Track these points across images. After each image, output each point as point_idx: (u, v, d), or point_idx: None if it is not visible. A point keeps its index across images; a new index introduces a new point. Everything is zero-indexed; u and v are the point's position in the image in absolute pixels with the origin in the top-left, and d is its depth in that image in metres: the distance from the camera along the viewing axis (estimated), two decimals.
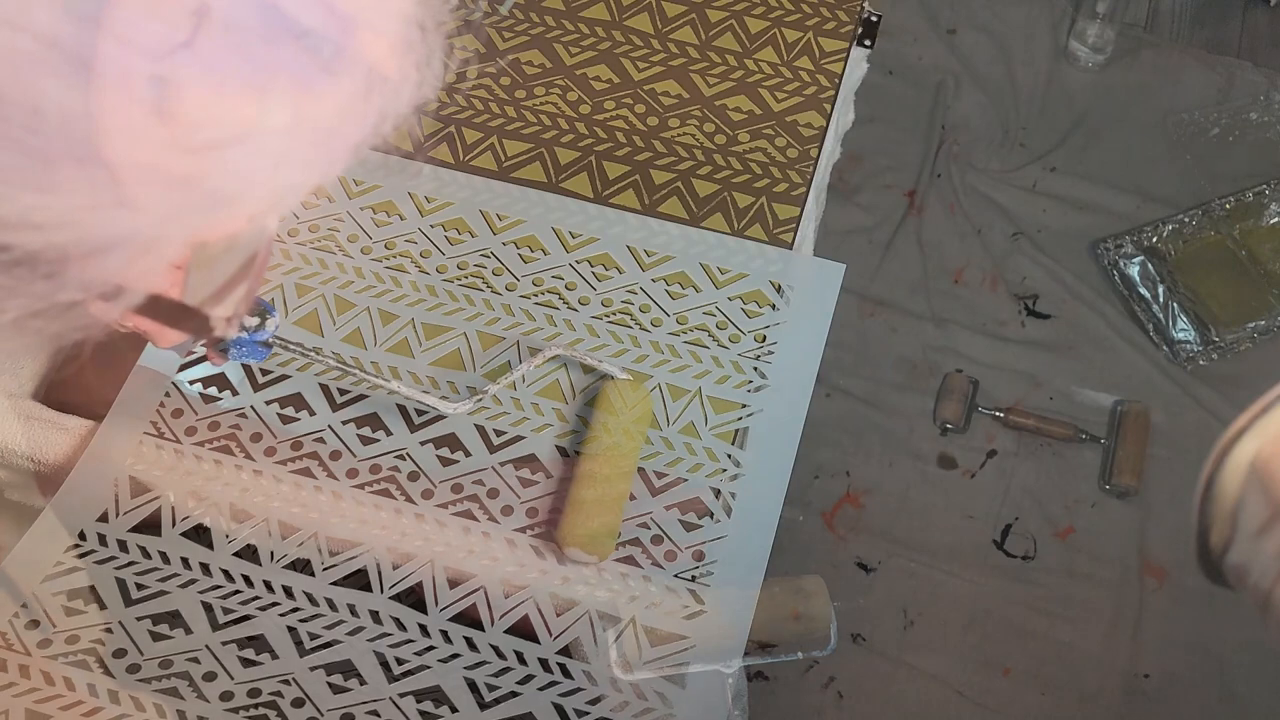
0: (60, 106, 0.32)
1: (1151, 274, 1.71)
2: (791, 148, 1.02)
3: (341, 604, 0.81)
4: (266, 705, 0.77)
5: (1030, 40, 1.94)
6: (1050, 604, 1.50)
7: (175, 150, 0.34)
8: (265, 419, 0.87)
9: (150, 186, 0.34)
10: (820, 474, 1.58)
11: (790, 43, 1.08)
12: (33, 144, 0.32)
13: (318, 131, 0.37)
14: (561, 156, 1.01)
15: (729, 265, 0.95)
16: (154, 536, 0.83)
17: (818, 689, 1.45)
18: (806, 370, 0.91)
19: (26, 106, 0.32)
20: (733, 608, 0.81)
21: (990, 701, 1.44)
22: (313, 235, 0.96)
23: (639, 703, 0.77)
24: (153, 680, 0.78)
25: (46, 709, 0.77)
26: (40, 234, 0.34)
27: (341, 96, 0.37)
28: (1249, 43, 1.98)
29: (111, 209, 0.34)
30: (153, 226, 0.36)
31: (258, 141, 0.35)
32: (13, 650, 0.79)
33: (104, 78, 0.32)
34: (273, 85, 0.35)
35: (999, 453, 1.60)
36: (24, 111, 0.32)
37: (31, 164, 0.33)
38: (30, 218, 0.34)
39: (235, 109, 0.34)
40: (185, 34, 0.33)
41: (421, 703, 0.77)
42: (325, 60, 0.36)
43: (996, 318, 1.71)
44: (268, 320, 0.80)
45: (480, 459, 0.86)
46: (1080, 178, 1.82)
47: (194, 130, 0.34)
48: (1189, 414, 1.61)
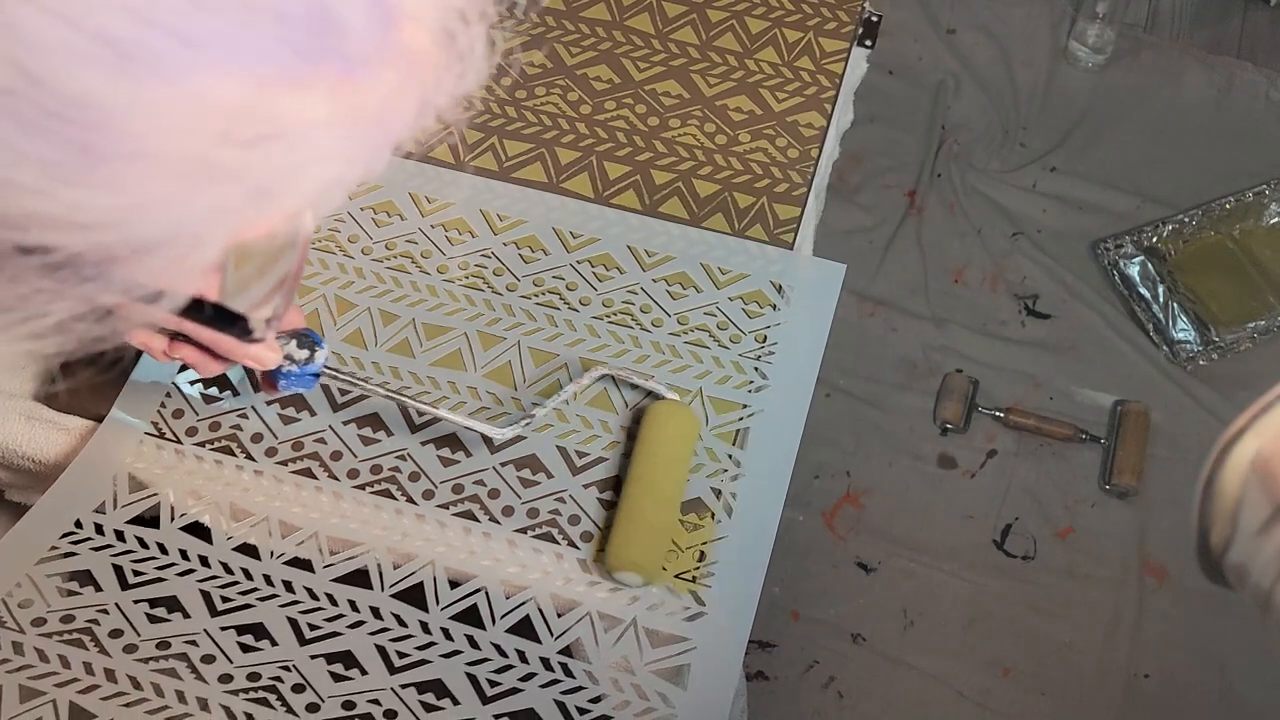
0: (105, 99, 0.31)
1: (1151, 274, 1.71)
2: (792, 148, 1.02)
3: (342, 599, 0.81)
4: (266, 689, 0.77)
5: (1030, 40, 1.94)
6: (1050, 604, 1.50)
7: (221, 144, 0.34)
8: (266, 419, 0.87)
9: (196, 182, 0.34)
10: (820, 474, 1.58)
11: (791, 43, 1.08)
12: (77, 138, 0.32)
13: (361, 124, 0.36)
14: (562, 156, 1.01)
15: (730, 265, 0.95)
16: (152, 529, 0.83)
17: (818, 689, 1.45)
18: (807, 370, 0.91)
19: (70, 98, 0.31)
20: (734, 609, 0.81)
21: (990, 701, 1.44)
22: (313, 236, 0.96)
23: (640, 702, 0.77)
24: (150, 660, 0.78)
25: (41, 685, 0.77)
26: (85, 234, 0.33)
27: (384, 88, 0.36)
28: (1249, 43, 1.98)
29: (157, 207, 0.34)
30: (198, 224, 0.35)
31: (302, 134, 0.35)
32: (5, 628, 0.79)
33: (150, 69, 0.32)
34: (317, 76, 0.34)
35: (999, 453, 1.60)
36: (67, 104, 0.31)
37: (76, 159, 0.32)
38: (75, 216, 0.33)
39: (280, 101, 0.34)
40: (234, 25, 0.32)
41: (423, 694, 0.77)
42: (369, 51, 0.35)
43: (996, 318, 1.71)
44: (317, 352, 0.81)
45: (481, 459, 0.86)
46: (1080, 178, 1.82)
47: (240, 123, 0.34)
48: (1189, 414, 1.61)
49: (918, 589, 1.51)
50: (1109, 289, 1.72)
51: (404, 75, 0.37)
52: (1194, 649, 1.47)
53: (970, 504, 1.57)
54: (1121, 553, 1.53)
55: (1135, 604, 1.49)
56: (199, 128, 0.33)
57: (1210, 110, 1.89)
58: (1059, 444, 1.60)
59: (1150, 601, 1.50)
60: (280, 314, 0.44)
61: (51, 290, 0.35)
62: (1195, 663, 1.46)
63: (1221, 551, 0.50)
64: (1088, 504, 1.57)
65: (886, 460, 1.60)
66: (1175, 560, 1.52)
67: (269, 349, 0.79)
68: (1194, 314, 1.67)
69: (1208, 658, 1.46)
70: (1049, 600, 1.50)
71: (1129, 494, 1.56)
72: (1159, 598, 1.50)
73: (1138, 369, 1.65)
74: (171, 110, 0.32)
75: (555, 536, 0.83)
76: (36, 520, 0.83)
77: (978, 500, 1.57)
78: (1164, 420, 1.61)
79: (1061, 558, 1.53)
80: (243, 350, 0.78)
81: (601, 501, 0.85)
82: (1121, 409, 1.61)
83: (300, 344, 0.80)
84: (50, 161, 0.32)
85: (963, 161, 1.83)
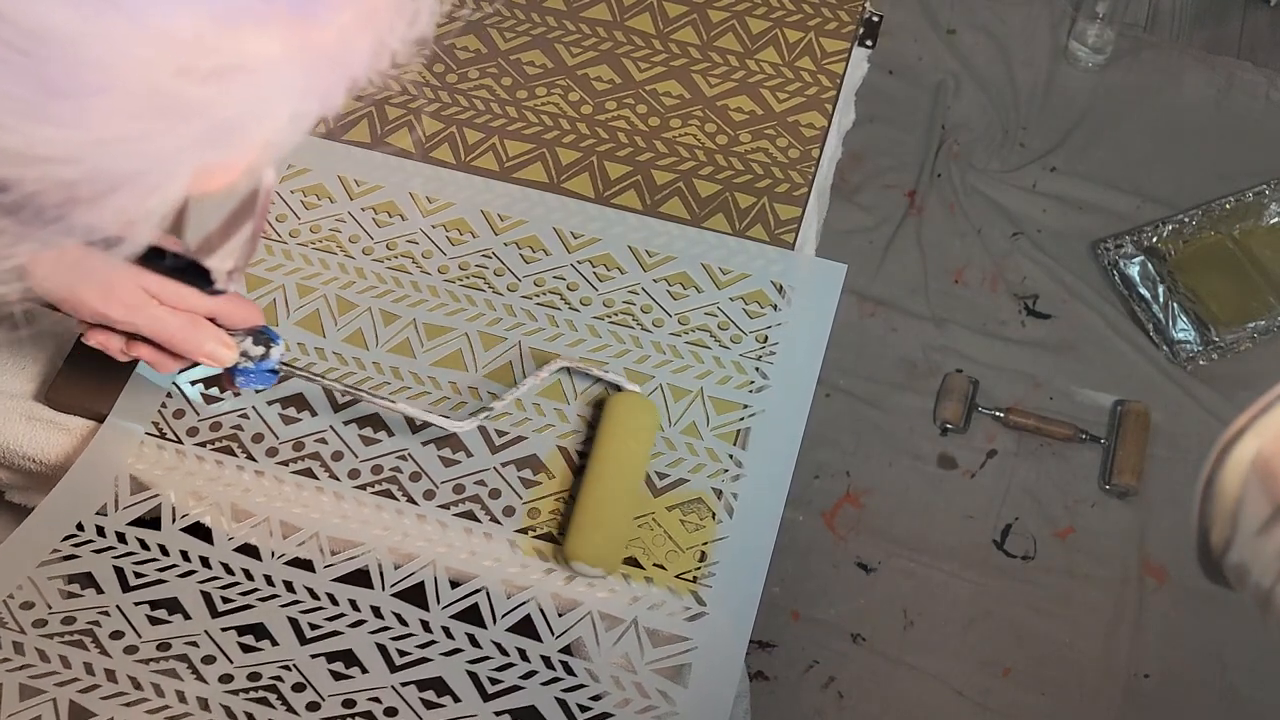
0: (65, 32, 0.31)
1: (1151, 274, 1.71)
2: (793, 148, 1.02)
3: (343, 599, 0.81)
4: (266, 689, 0.77)
5: (1030, 40, 1.95)
6: (1050, 604, 1.50)
7: (180, 78, 0.33)
8: (267, 420, 0.87)
9: (156, 117, 0.34)
10: (820, 474, 1.58)
11: (792, 43, 1.08)
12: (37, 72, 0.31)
13: (317, 61, 0.37)
14: (563, 157, 1.01)
15: (730, 266, 0.95)
16: (153, 531, 0.83)
17: (818, 689, 1.45)
18: (808, 371, 0.91)
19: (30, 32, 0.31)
20: (735, 609, 0.81)
21: (990, 701, 1.44)
22: (314, 236, 0.96)
23: (641, 700, 0.78)
24: (150, 661, 0.78)
25: (41, 684, 0.77)
26: (46, 169, 0.33)
27: (339, 26, 0.37)
28: (1249, 43, 1.98)
29: (118, 142, 0.34)
30: (159, 162, 0.35)
31: (258, 70, 0.35)
32: (6, 628, 0.79)
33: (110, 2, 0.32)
34: (273, 13, 0.35)
35: (999, 453, 1.61)
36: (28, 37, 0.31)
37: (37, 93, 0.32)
38: (36, 151, 0.33)
39: (237, 36, 0.34)
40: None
41: (424, 692, 0.77)
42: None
43: (996, 318, 1.71)
44: (273, 349, 0.82)
45: (482, 460, 0.86)
46: (1080, 178, 1.82)
47: (198, 57, 0.34)
48: (1189, 414, 1.62)
49: (918, 589, 1.51)
50: (1109, 289, 1.72)
51: (359, 15, 0.37)
52: (1194, 649, 1.47)
53: (970, 504, 1.57)
54: (1121, 553, 1.53)
55: (1135, 604, 1.49)
56: (158, 62, 0.33)
57: (1210, 110, 1.89)
58: (1059, 444, 1.60)
59: (1150, 601, 1.50)
60: (242, 267, 0.44)
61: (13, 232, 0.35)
62: (1195, 663, 1.46)
63: (1222, 551, 0.50)
64: (1088, 504, 1.57)
65: (886, 460, 1.60)
66: (1175, 560, 1.52)
67: (224, 345, 0.80)
68: (1194, 314, 1.67)
69: (1208, 658, 1.46)
70: (1049, 600, 1.50)
71: (1129, 494, 1.56)
72: (1159, 598, 1.50)
73: (1138, 369, 1.66)
74: (131, 44, 0.32)
75: (557, 537, 0.83)
76: (38, 523, 0.83)
77: (978, 500, 1.57)
78: (1164, 420, 1.61)
79: (1061, 558, 1.53)
80: (198, 347, 0.78)
81: None
82: (1121, 409, 1.61)
83: (256, 340, 0.81)
84: (11, 95, 0.32)
85: (963, 161, 1.83)
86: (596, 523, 0.81)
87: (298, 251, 0.95)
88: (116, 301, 0.75)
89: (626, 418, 0.85)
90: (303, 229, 0.96)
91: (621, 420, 0.85)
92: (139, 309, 0.76)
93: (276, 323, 0.91)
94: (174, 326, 0.77)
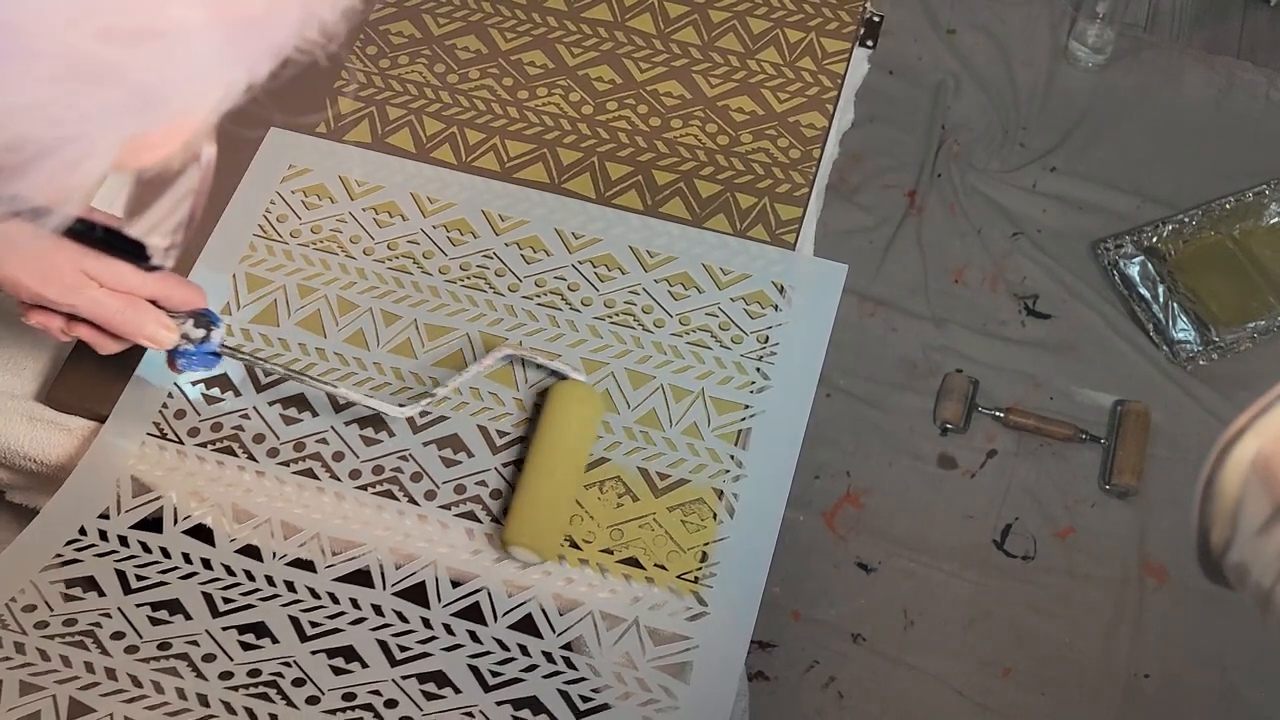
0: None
1: (1151, 274, 1.71)
2: (794, 148, 1.02)
3: (344, 598, 0.81)
4: (267, 685, 0.78)
5: (1030, 40, 1.95)
6: (1050, 604, 1.50)
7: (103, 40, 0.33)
8: (268, 420, 0.88)
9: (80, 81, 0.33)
10: (820, 474, 1.58)
11: (792, 43, 1.08)
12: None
13: (245, 27, 0.36)
14: (564, 157, 1.01)
15: (731, 266, 0.95)
16: (155, 534, 0.83)
17: (818, 689, 1.45)
18: (809, 371, 0.91)
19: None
20: (736, 609, 0.81)
21: (990, 701, 1.44)
22: (315, 236, 0.96)
23: (643, 693, 0.78)
24: (151, 660, 0.78)
25: (41, 681, 0.77)
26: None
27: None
28: (1249, 43, 1.98)
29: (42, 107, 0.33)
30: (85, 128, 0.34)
31: (183, 34, 0.34)
32: (7, 629, 0.79)
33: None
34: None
35: (999, 453, 1.61)
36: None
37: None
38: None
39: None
40: None
41: (424, 684, 0.78)
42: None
43: (996, 318, 1.71)
44: (213, 331, 0.82)
45: (483, 460, 0.86)
46: (1080, 178, 1.82)
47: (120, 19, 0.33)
48: (1189, 414, 1.62)
49: (918, 589, 1.51)
50: (1109, 289, 1.72)
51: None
52: (1194, 649, 1.47)
53: (970, 504, 1.57)
54: (1121, 553, 1.53)
55: (1135, 604, 1.49)
56: (80, 23, 0.32)
57: (1210, 110, 1.89)
58: (1059, 444, 1.60)
59: (1150, 601, 1.50)
60: (179, 243, 0.44)
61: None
62: (1195, 663, 1.46)
63: (1222, 551, 0.50)
64: (1088, 504, 1.57)
65: (886, 460, 1.60)
66: (1175, 560, 1.52)
67: (165, 328, 0.80)
68: (1194, 314, 1.67)
69: (1208, 658, 1.46)
70: (1049, 600, 1.50)
71: (1129, 494, 1.56)
72: (1159, 598, 1.50)
73: (1138, 369, 1.66)
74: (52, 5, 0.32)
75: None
76: (41, 528, 0.83)
77: (978, 500, 1.57)
78: (1164, 420, 1.61)
79: (1061, 558, 1.53)
80: (138, 329, 0.78)
81: (601, 503, 0.85)
82: (1121, 409, 1.61)
83: (197, 323, 0.81)
84: None
85: (963, 161, 1.83)
86: (534, 508, 0.81)
87: (298, 252, 0.95)
88: (55, 282, 0.76)
89: (567, 406, 0.86)
90: (303, 229, 0.96)
91: (562, 408, 0.85)
92: (77, 290, 0.76)
93: (277, 323, 0.92)
94: (113, 308, 0.77)
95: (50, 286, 0.76)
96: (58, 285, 0.76)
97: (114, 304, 0.78)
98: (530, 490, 0.82)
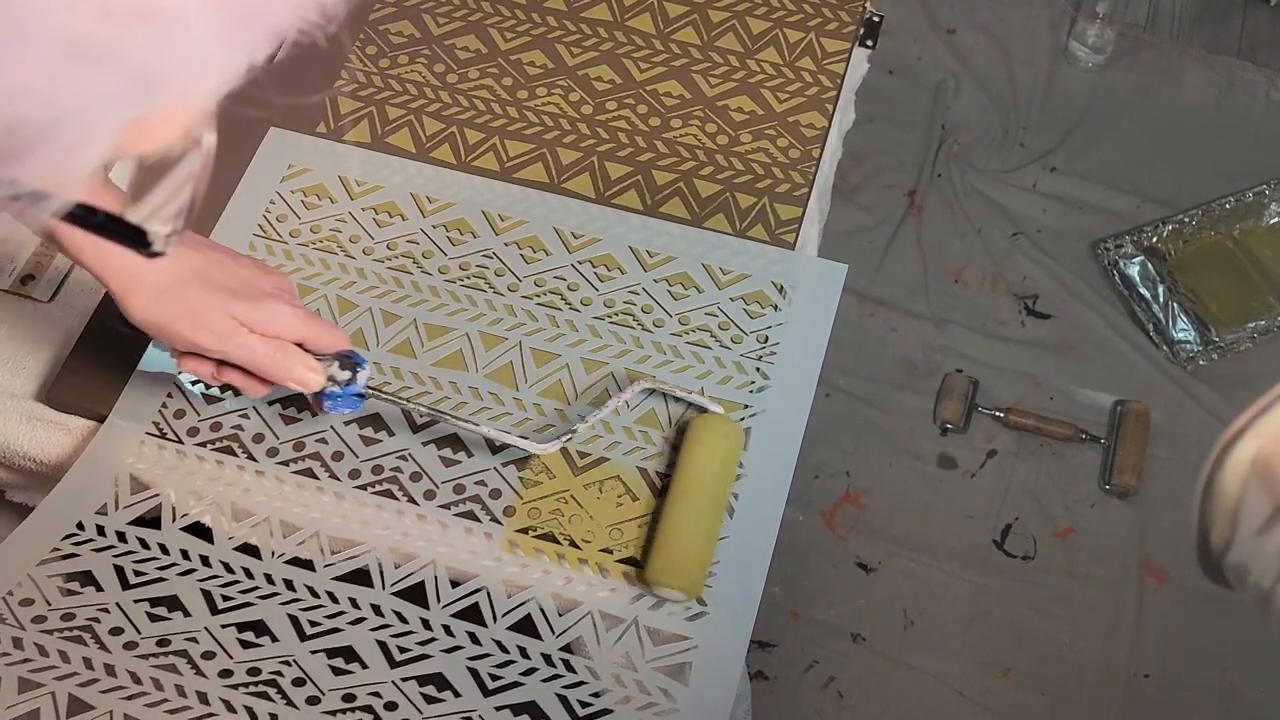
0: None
1: (1151, 274, 1.71)
2: (793, 148, 1.02)
3: (343, 597, 0.81)
4: (266, 683, 0.78)
5: (1030, 40, 1.95)
6: (1050, 604, 1.50)
7: (101, 20, 0.33)
8: (268, 420, 0.88)
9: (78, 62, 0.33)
10: (820, 474, 1.58)
11: (792, 43, 1.08)
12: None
13: (243, 9, 0.36)
14: (563, 157, 1.01)
15: (731, 266, 0.95)
16: (153, 530, 0.83)
17: (818, 689, 1.45)
18: (809, 371, 0.91)
19: None
20: (735, 608, 0.81)
21: (990, 701, 1.44)
22: (315, 236, 0.96)
23: (642, 696, 0.78)
24: (150, 657, 0.78)
25: (40, 678, 0.77)
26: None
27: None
28: (1249, 43, 1.98)
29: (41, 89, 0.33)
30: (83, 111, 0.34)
31: (181, 15, 0.34)
32: (5, 624, 0.79)
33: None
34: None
35: (999, 453, 1.61)
36: None
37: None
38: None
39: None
40: None
41: (424, 687, 0.78)
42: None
43: (996, 318, 1.71)
44: (359, 373, 0.81)
45: (482, 460, 0.86)
46: (1080, 178, 1.82)
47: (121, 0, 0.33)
48: (1189, 414, 1.62)
49: (918, 589, 1.51)
50: (1109, 289, 1.72)
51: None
52: (1194, 649, 1.47)
53: (970, 504, 1.57)
54: (1121, 553, 1.53)
55: (1135, 604, 1.49)
56: (77, 4, 0.32)
57: (1210, 110, 1.89)
58: (1059, 444, 1.60)
59: (1150, 601, 1.50)
60: (180, 230, 0.44)
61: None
62: (1195, 663, 1.46)
63: (1222, 551, 0.50)
64: (1088, 504, 1.57)
65: (886, 460, 1.60)
66: (1175, 560, 1.52)
67: (312, 371, 0.80)
68: (1194, 314, 1.67)
69: (1208, 658, 1.46)
70: (1049, 600, 1.50)
71: (1129, 494, 1.56)
72: (1159, 598, 1.50)
73: (1138, 369, 1.66)
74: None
75: (557, 536, 0.83)
76: (39, 522, 0.83)
77: (978, 500, 1.57)
78: (1164, 420, 1.61)
79: (1061, 558, 1.53)
80: (287, 373, 0.79)
81: (599, 500, 0.85)
82: (1121, 409, 1.61)
83: (343, 365, 0.81)
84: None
85: (963, 161, 1.83)
86: (680, 546, 0.80)
87: (298, 251, 0.95)
88: (206, 330, 0.77)
89: (712, 441, 0.84)
90: (303, 229, 0.96)
91: (703, 442, 0.84)
92: (228, 337, 0.77)
93: None
94: (262, 353, 0.78)
95: (202, 334, 0.77)
96: (209, 332, 0.77)
97: (263, 349, 0.78)
98: (675, 526, 0.81)
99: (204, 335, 0.77)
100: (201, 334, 0.77)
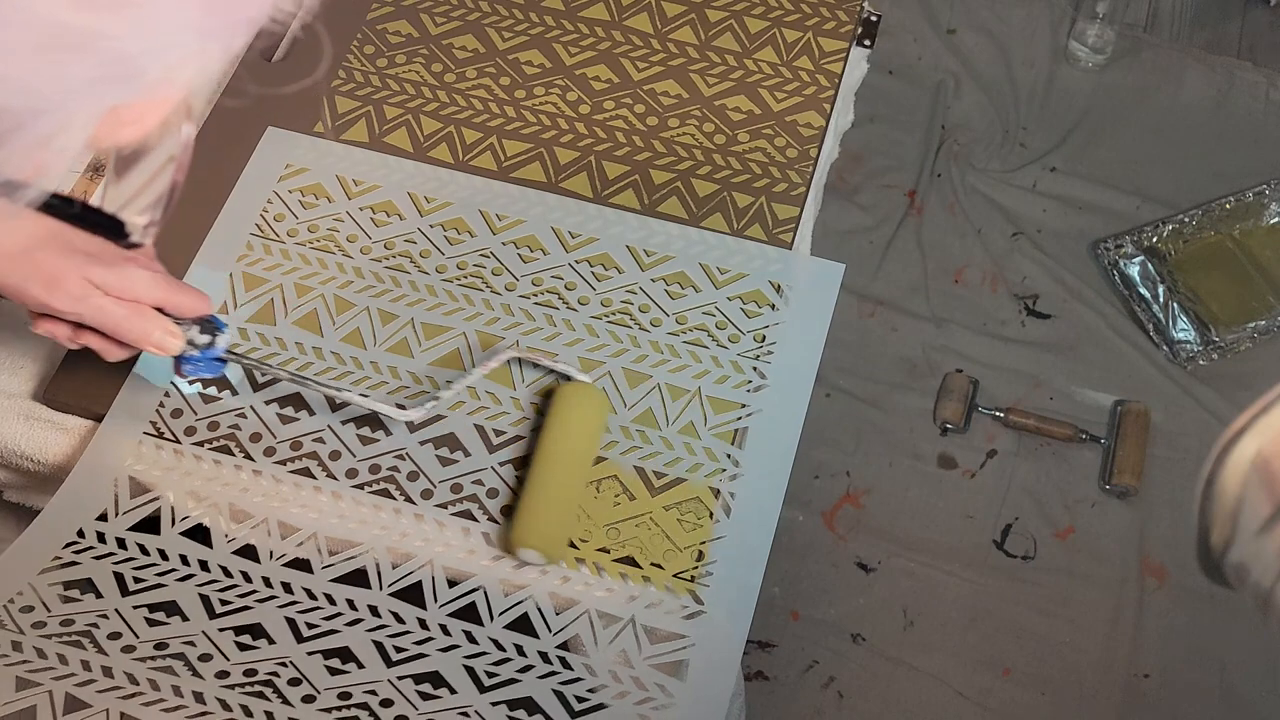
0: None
1: (1151, 274, 1.71)
2: (791, 148, 1.02)
3: (340, 599, 0.81)
4: (263, 684, 0.78)
5: (1030, 40, 1.94)
6: (1050, 604, 1.50)
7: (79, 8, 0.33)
8: (264, 419, 0.87)
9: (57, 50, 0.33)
10: (820, 474, 1.58)
11: (790, 43, 1.08)
12: None
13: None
14: (561, 156, 1.01)
15: (728, 265, 0.95)
16: (153, 535, 0.83)
17: (817, 689, 1.45)
18: (806, 370, 0.91)
19: None
20: (732, 608, 0.81)
21: (990, 701, 1.44)
22: (312, 235, 0.96)
23: (639, 692, 0.78)
24: (147, 659, 0.78)
25: (38, 678, 0.77)
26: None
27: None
28: (1249, 43, 1.98)
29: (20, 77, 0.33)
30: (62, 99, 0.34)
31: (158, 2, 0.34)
32: (4, 628, 0.79)
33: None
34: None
35: (999, 453, 1.60)
36: None
37: None
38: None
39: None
40: None
41: (420, 684, 0.78)
42: None
43: (996, 318, 1.71)
44: (219, 337, 0.82)
45: (479, 459, 0.86)
46: (1080, 178, 1.82)
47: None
48: (1189, 414, 1.61)
49: (918, 589, 1.51)
50: (1109, 289, 1.72)
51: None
52: (1194, 649, 1.46)
53: (970, 504, 1.57)
54: (1121, 553, 1.53)
55: (1135, 604, 1.49)
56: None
57: (1210, 110, 1.88)
58: (1059, 444, 1.60)
59: (1150, 601, 1.50)
60: (157, 221, 0.44)
61: None
62: (1195, 663, 1.46)
63: (1222, 551, 0.50)
64: (1088, 504, 1.57)
65: (886, 460, 1.60)
66: (1175, 560, 1.52)
67: (170, 334, 0.80)
68: (1194, 314, 1.67)
69: (1208, 658, 1.46)
70: (1049, 600, 1.50)
71: (1129, 494, 1.56)
72: (1159, 598, 1.50)
73: (1138, 369, 1.65)
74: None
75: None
76: (40, 531, 0.83)
77: (978, 500, 1.57)
78: (1164, 420, 1.61)
79: (1061, 558, 1.53)
80: (145, 336, 0.79)
81: (598, 498, 0.85)
82: (1121, 409, 1.61)
83: (203, 329, 0.82)
84: None
85: (963, 161, 1.83)
86: (542, 510, 0.81)
87: (295, 251, 0.95)
88: (61, 292, 0.76)
89: (572, 407, 0.85)
90: (300, 228, 0.96)
91: (567, 409, 0.85)
92: (83, 299, 0.77)
93: (274, 322, 0.91)
94: (119, 316, 0.78)
95: (56, 295, 0.76)
96: (63, 294, 0.76)
97: (119, 312, 0.78)
98: (537, 491, 0.82)
99: (58, 298, 0.76)
100: (56, 296, 0.76)
